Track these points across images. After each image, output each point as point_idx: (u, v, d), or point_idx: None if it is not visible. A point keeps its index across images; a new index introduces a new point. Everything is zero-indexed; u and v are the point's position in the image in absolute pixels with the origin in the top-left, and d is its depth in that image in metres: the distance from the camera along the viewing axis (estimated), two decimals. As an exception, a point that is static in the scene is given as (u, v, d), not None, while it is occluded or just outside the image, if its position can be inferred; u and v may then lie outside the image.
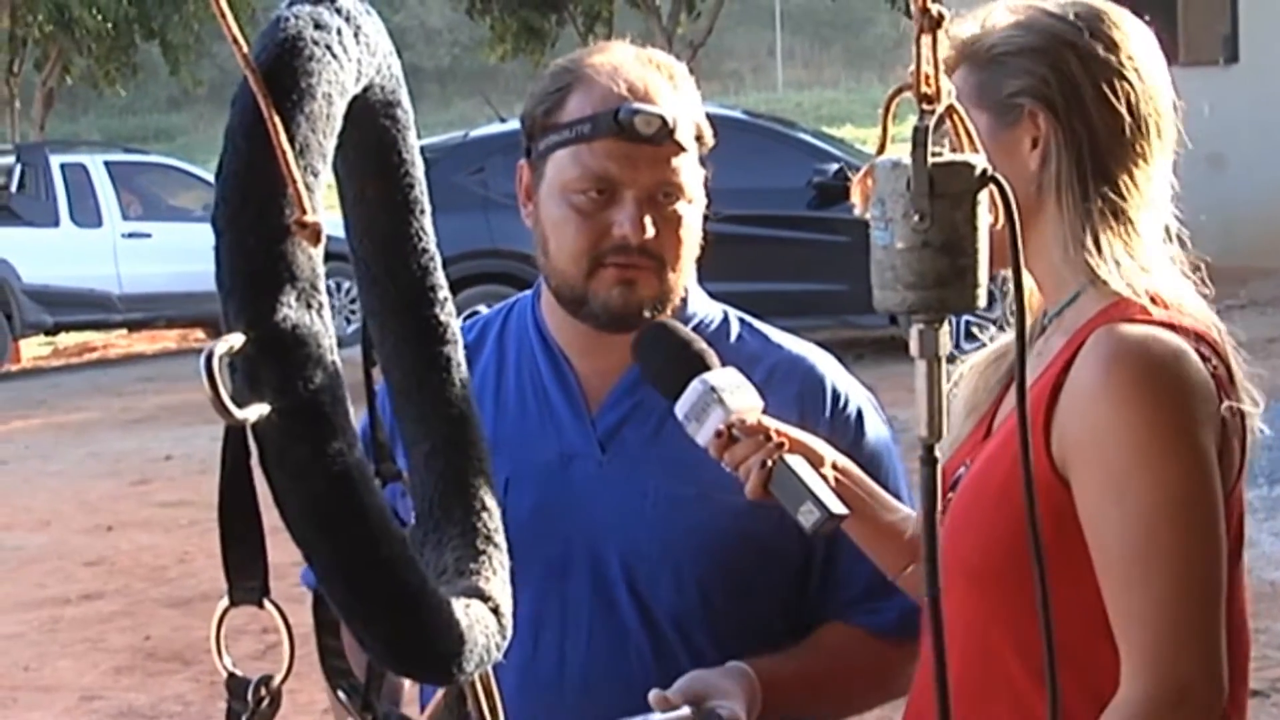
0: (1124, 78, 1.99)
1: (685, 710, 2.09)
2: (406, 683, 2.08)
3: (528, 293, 2.43)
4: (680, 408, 2.09)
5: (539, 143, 2.26)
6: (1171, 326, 1.92)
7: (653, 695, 2.11)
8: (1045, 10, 2.03)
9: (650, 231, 2.20)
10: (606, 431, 2.31)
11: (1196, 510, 1.89)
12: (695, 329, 2.26)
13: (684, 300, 2.32)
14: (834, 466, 2.12)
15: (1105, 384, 1.88)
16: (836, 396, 2.32)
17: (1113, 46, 2.00)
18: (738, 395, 2.08)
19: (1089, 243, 1.96)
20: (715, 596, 2.28)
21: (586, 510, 2.28)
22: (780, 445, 2.04)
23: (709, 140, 2.28)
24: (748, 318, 2.42)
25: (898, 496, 2.24)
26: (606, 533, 2.27)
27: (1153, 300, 1.95)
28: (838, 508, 2.01)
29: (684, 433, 2.11)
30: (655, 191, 2.22)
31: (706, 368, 2.11)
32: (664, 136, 2.20)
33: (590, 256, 2.22)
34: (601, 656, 2.26)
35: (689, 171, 2.25)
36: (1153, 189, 2.00)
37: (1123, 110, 1.98)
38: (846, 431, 2.28)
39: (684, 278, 2.28)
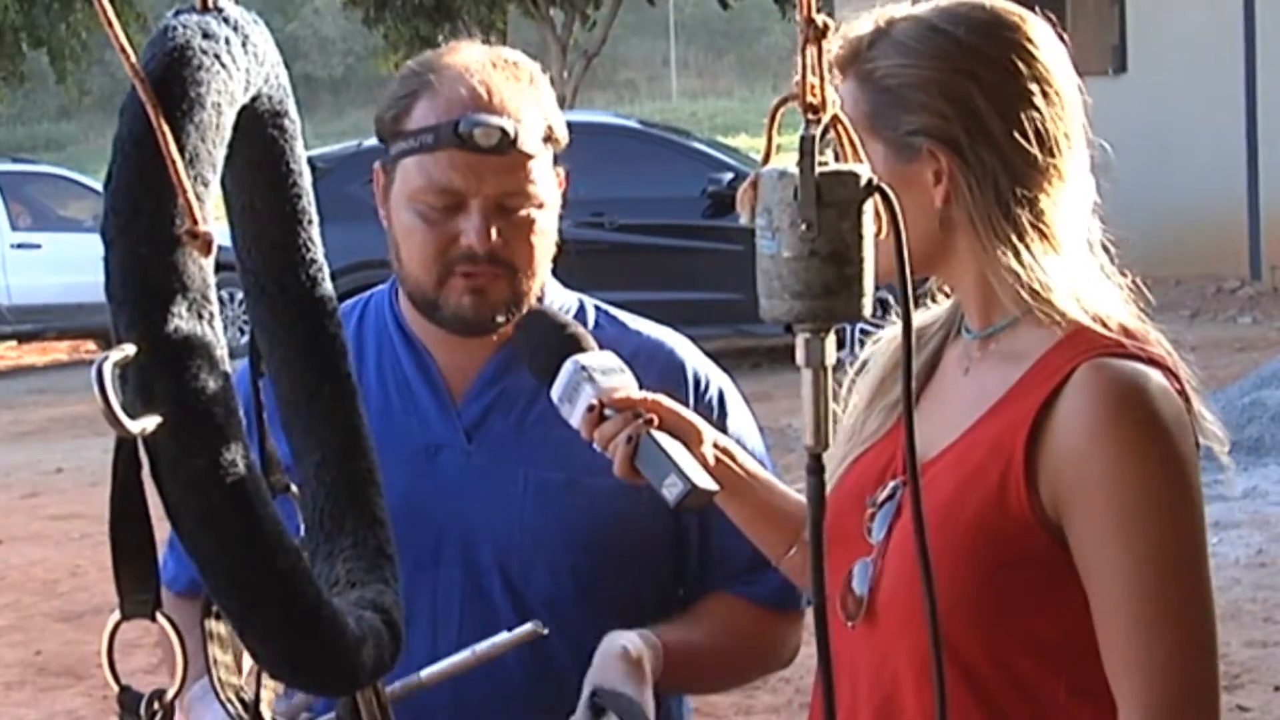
0: (1032, 103, 1.87)
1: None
2: None
3: (382, 287, 2.43)
4: (555, 391, 2.08)
5: (390, 148, 2.27)
6: (1150, 360, 1.84)
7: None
8: (938, 28, 1.89)
9: (496, 239, 2.20)
10: (472, 421, 2.32)
11: (1203, 554, 1.83)
12: None
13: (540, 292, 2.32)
14: (715, 445, 2.09)
15: (1109, 424, 1.80)
16: (698, 381, 2.33)
17: (1016, 69, 1.88)
18: (609, 374, 2.07)
19: (1020, 270, 1.86)
20: (589, 581, 2.29)
21: (457, 501, 2.28)
22: (650, 421, 2.01)
23: (563, 140, 2.27)
24: (604, 305, 2.42)
25: None
26: (478, 522, 2.28)
27: (1101, 324, 1.86)
28: (704, 482, 1.98)
29: (551, 420, 2.10)
30: (501, 200, 2.21)
31: (581, 350, 2.11)
32: (506, 147, 2.19)
33: (439, 264, 2.23)
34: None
35: (538, 176, 2.23)
36: (1073, 202, 1.91)
37: (1033, 136, 1.87)
38: (709, 415, 2.26)
39: (538, 280, 2.28)
